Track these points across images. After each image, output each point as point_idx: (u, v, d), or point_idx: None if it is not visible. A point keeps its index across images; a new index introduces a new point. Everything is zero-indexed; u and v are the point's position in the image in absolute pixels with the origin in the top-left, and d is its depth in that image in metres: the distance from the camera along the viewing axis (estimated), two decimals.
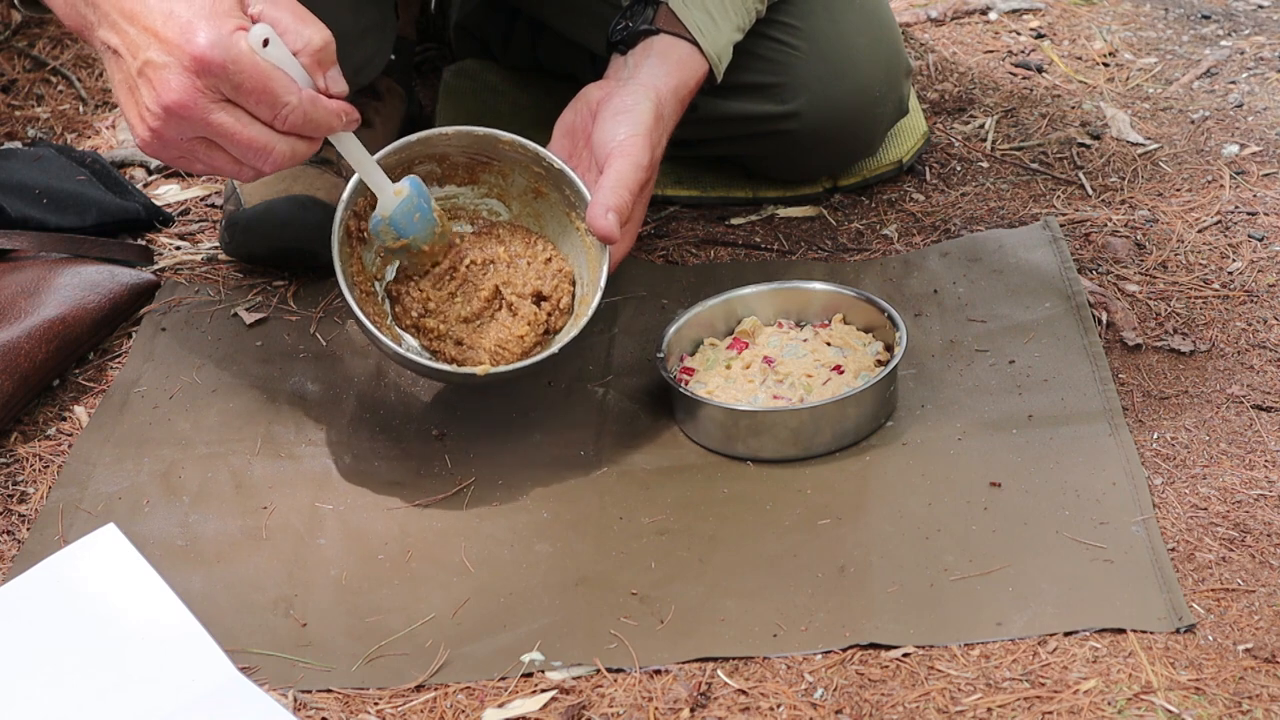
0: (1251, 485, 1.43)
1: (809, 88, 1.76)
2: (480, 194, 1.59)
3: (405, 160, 1.52)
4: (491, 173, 1.58)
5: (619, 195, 1.49)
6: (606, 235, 1.49)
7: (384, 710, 1.28)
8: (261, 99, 1.32)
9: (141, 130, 1.35)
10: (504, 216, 1.59)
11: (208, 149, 1.36)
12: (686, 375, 1.56)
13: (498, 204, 1.59)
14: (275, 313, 1.73)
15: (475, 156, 1.57)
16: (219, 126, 1.33)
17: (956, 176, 1.91)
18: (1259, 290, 1.68)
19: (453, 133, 1.53)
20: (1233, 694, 1.23)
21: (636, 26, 1.60)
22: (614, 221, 1.48)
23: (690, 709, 1.25)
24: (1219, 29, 2.22)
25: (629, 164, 1.50)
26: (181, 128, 1.33)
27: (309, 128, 1.36)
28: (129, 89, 1.34)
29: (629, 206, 1.50)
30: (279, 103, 1.33)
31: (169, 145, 1.35)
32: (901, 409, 1.54)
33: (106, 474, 1.52)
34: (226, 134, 1.33)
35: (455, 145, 1.54)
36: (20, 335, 1.60)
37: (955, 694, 1.25)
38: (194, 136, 1.34)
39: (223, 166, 1.37)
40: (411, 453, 1.54)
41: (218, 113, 1.32)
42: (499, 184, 1.58)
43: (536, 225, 1.58)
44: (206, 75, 1.30)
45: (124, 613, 1.33)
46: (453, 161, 1.57)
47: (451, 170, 1.57)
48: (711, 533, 1.42)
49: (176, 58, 1.30)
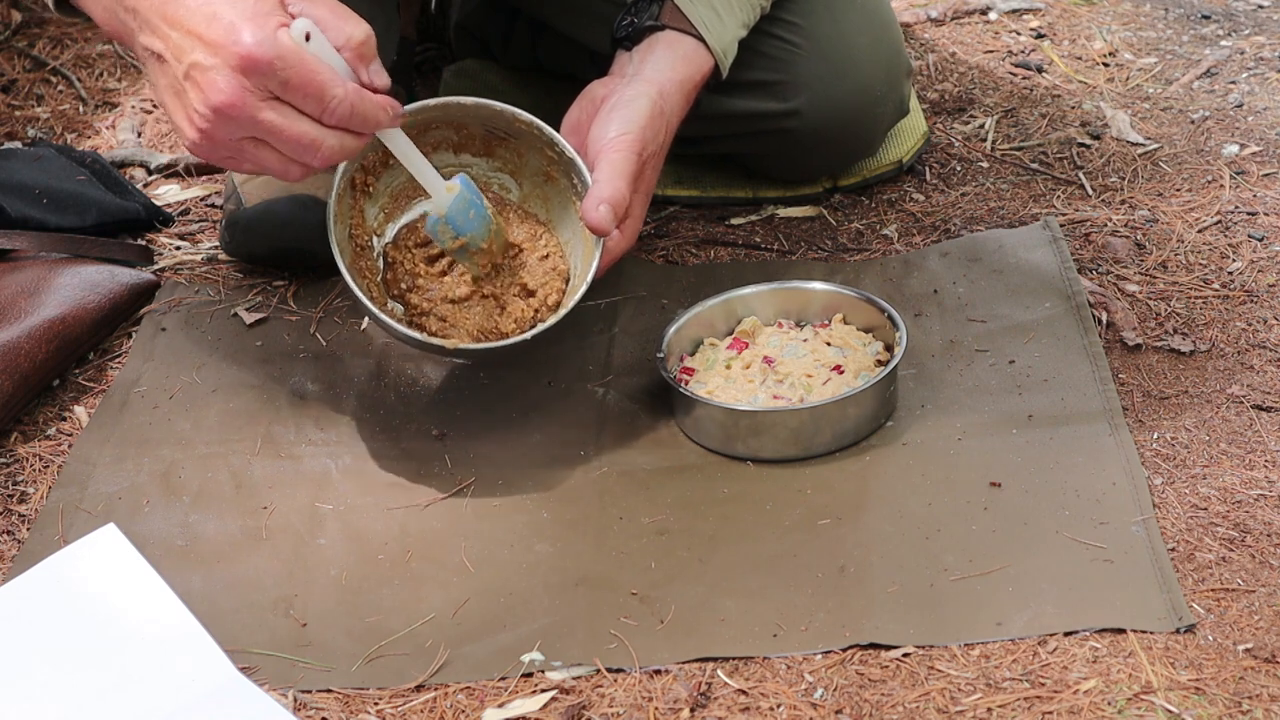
0: (1251, 485, 1.43)
1: (810, 86, 1.76)
2: (494, 167, 1.59)
3: (422, 123, 1.52)
4: (507, 149, 1.58)
5: (613, 187, 1.48)
6: (599, 227, 1.48)
7: (384, 710, 1.28)
8: (309, 94, 1.33)
9: (190, 133, 1.35)
10: (513, 194, 1.59)
11: (256, 148, 1.36)
12: (686, 375, 1.56)
13: (509, 179, 1.59)
14: (275, 313, 1.73)
15: (492, 130, 1.56)
16: (268, 124, 1.33)
17: (956, 176, 1.91)
18: (1259, 290, 1.68)
19: (471, 104, 1.53)
20: (1233, 694, 1.23)
21: (642, 23, 1.60)
22: (606, 214, 1.47)
23: (690, 709, 1.25)
24: (1219, 29, 2.22)
25: (621, 157, 1.50)
26: (231, 128, 1.33)
27: (356, 121, 1.36)
28: (175, 93, 1.35)
29: (624, 199, 1.49)
30: (327, 96, 1.33)
31: (218, 146, 1.35)
32: (901, 409, 1.54)
33: (106, 474, 1.52)
34: (275, 131, 1.33)
35: (473, 117, 1.54)
36: (20, 335, 1.60)
37: (955, 694, 1.25)
38: (243, 136, 1.34)
39: (271, 165, 1.37)
40: (411, 453, 1.54)
41: (266, 111, 1.32)
42: (513, 160, 1.58)
43: (544, 208, 1.58)
44: (254, 74, 1.30)
45: (124, 613, 1.33)
46: (470, 132, 1.57)
47: (468, 140, 1.57)
48: (711, 533, 1.42)
49: (223, 58, 1.30)
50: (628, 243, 1.54)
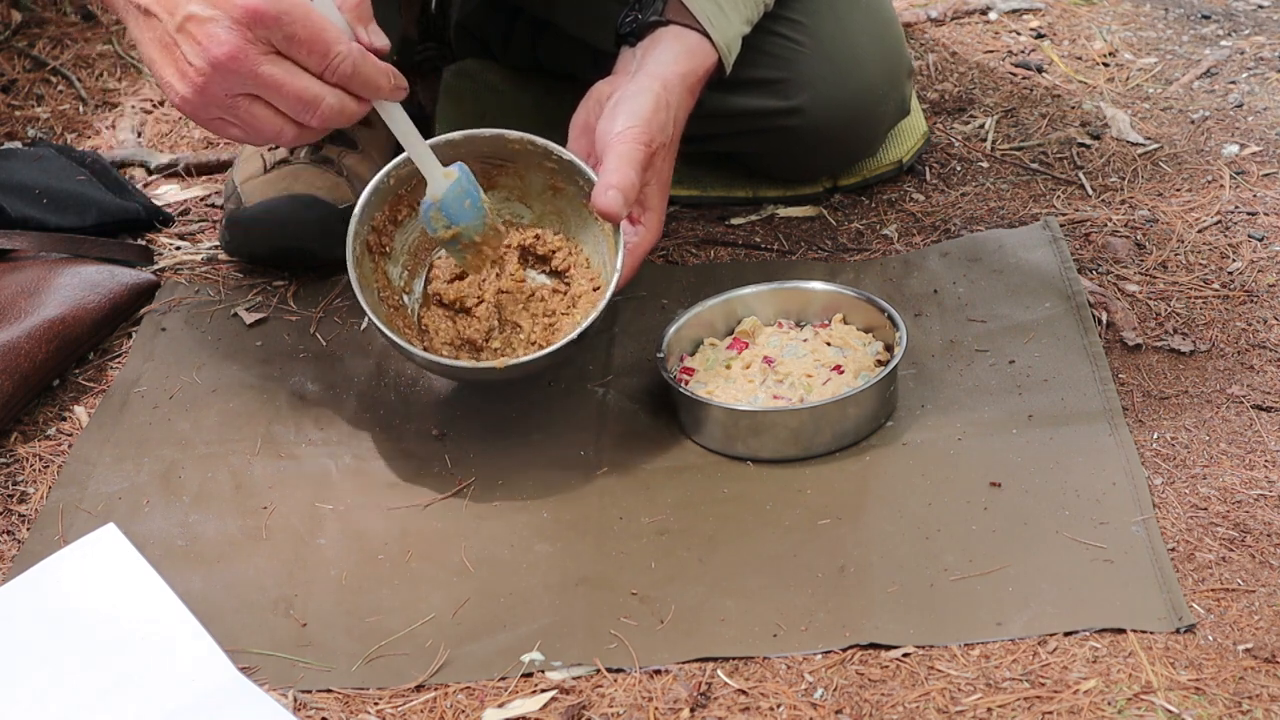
0: (1251, 485, 1.43)
1: (812, 84, 1.76)
2: (501, 198, 1.58)
3: (418, 171, 1.51)
4: (508, 175, 1.57)
5: (621, 174, 1.47)
6: (609, 211, 1.46)
7: (384, 710, 1.28)
8: (314, 49, 1.31)
9: (183, 88, 1.33)
10: (527, 219, 1.59)
11: (251, 104, 1.34)
12: (686, 375, 1.56)
13: (520, 206, 1.59)
14: (275, 313, 1.73)
15: (489, 161, 1.56)
16: (268, 79, 1.31)
17: (956, 176, 1.91)
18: (1259, 290, 1.68)
19: (460, 138, 1.52)
20: (1233, 694, 1.23)
21: (646, 18, 1.60)
22: (616, 198, 1.46)
23: (690, 709, 1.25)
24: (1219, 29, 2.22)
25: (628, 148, 1.49)
26: (229, 82, 1.31)
27: (357, 82, 1.34)
28: (164, 47, 1.32)
29: (632, 184, 1.48)
30: (331, 51, 1.32)
31: (210, 103, 1.33)
32: (901, 409, 1.54)
33: (106, 474, 1.53)
34: (275, 86, 1.31)
35: (466, 151, 1.53)
36: (20, 335, 1.60)
37: (955, 694, 1.25)
38: (239, 93, 1.33)
39: (264, 124, 1.35)
40: (411, 453, 1.54)
41: (266, 64, 1.31)
42: (518, 185, 1.58)
43: (559, 223, 1.58)
44: (258, 26, 1.29)
45: (124, 613, 1.33)
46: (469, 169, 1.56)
47: None
48: (711, 533, 1.42)
49: (224, 9, 1.29)
50: (652, 237, 1.53)
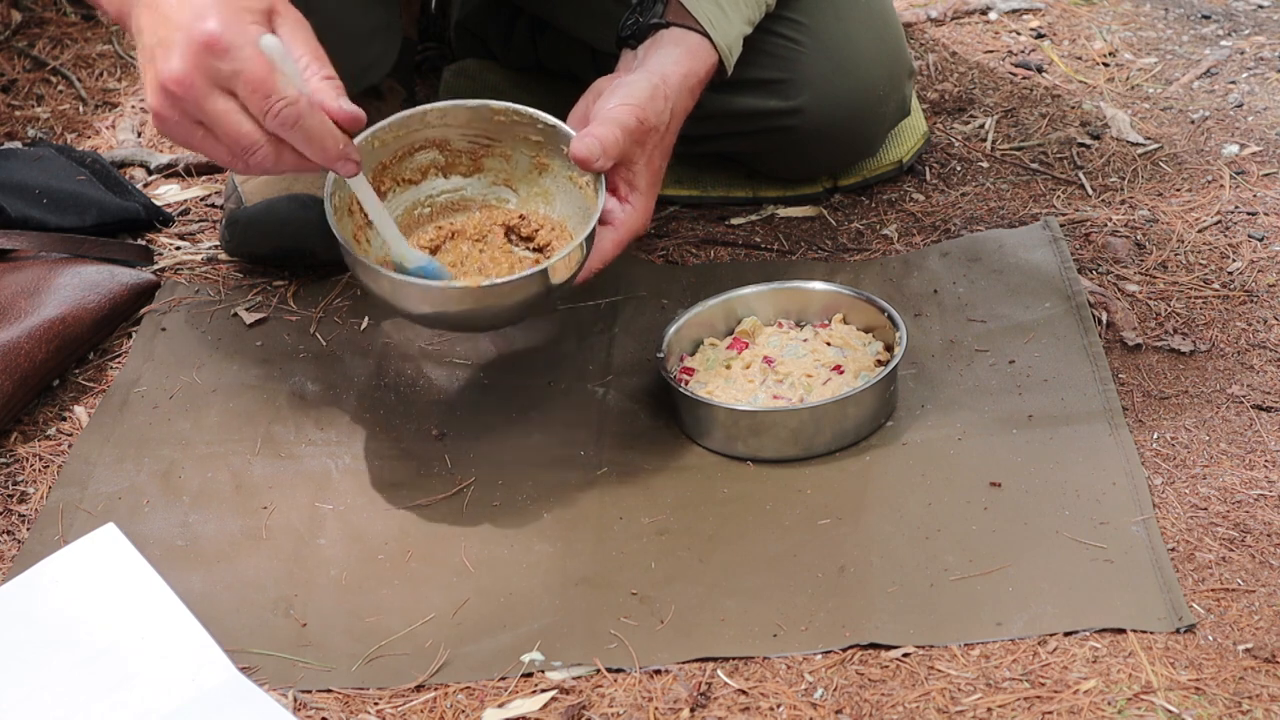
0: (1251, 485, 1.43)
1: (813, 84, 1.76)
2: (487, 183, 1.58)
3: (406, 145, 1.51)
4: (494, 157, 1.57)
5: (606, 128, 1.47)
6: (584, 155, 1.46)
7: (384, 710, 1.28)
8: (257, 89, 1.31)
9: (150, 105, 1.35)
10: (512, 204, 1.59)
11: (204, 135, 1.35)
12: (686, 375, 1.56)
13: (505, 191, 1.59)
14: (275, 313, 1.73)
15: (476, 140, 1.56)
16: (212, 113, 1.32)
17: (956, 176, 1.91)
18: (1259, 290, 1.68)
19: (448, 107, 1.52)
20: (1233, 694, 1.23)
21: (647, 21, 1.60)
22: (592, 144, 1.46)
23: (690, 709, 1.25)
24: (1219, 29, 2.22)
25: (618, 112, 1.49)
26: (180, 107, 1.32)
27: (300, 136, 1.33)
28: (143, 66, 1.35)
29: (615, 139, 1.47)
30: (273, 95, 1.31)
31: (170, 125, 1.35)
32: (901, 409, 1.54)
33: (106, 474, 1.52)
34: (215, 121, 1.32)
35: (453, 125, 1.53)
36: (20, 335, 1.60)
37: (955, 694, 1.25)
38: (194, 119, 1.34)
39: (217, 155, 1.36)
40: (411, 453, 1.54)
41: (213, 98, 1.31)
42: (504, 169, 1.58)
43: (546, 204, 1.57)
44: (209, 54, 1.30)
45: (124, 613, 1.33)
46: (454, 148, 1.56)
47: (455, 159, 1.56)
48: (711, 533, 1.42)
49: (185, 34, 1.30)
50: (640, 218, 1.52)
